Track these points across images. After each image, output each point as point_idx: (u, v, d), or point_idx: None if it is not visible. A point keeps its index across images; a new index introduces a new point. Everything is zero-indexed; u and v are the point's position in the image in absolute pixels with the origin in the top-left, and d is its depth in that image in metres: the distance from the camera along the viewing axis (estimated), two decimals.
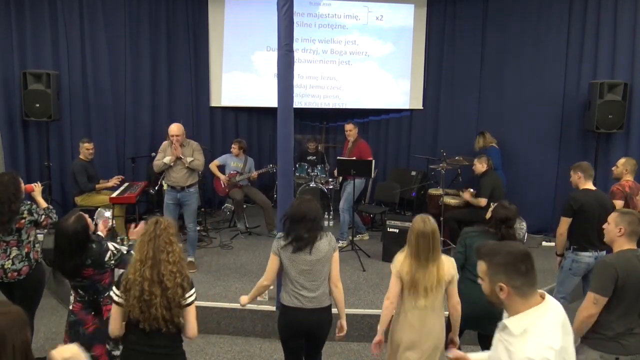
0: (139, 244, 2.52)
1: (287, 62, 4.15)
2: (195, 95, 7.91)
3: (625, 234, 2.66)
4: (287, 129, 4.23)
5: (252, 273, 5.36)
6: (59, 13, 6.73)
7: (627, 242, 2.67)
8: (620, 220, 2.68)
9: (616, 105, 6.24)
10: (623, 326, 2.60)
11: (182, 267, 2.51)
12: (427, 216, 2.98)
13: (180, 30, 7.68)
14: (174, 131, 5.24)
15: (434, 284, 2.86)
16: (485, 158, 5.90)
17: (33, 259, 3.72)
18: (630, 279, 2.57)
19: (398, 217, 6.10)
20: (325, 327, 3.13)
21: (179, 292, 2.46)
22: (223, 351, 4.29)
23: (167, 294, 2.44)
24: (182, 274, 2.49)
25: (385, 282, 5.10)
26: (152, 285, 2.43)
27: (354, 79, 8.05)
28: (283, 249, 3.02)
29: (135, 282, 2.44)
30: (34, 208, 3.68)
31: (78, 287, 3.05)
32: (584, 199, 4.07)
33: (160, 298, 2.43)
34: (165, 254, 2.47)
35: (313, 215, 3.01)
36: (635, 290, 2.59)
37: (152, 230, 2.51)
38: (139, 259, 2.49)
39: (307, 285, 3.01)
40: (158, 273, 2.44)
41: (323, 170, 7.34)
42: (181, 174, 5.27)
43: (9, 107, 6.51)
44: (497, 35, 7.41)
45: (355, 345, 4.41)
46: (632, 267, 2.59)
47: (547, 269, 5.60)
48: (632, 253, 2.65)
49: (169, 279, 2.44)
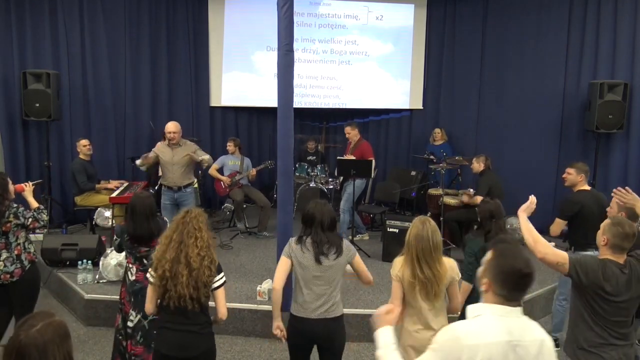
0: (169, 229, 2.73)
1: (287, 62, 4.15)
2: (195, 95, 7.91)
3: (608, 245, 2.54)
4: (287, 129, 4.23)
5: (251, 273, 5.36)
6: (59, 13, 6.73)
7: (611, 254, 2.54)
8: (607, 230, 2.56)
9: (616, 106, 6.24)
10: (600, 337, 2.51)
11: (210, 252, 2.67)
12: (426, 218, 2.92)
13: (180, 30, 7.68)
14: (171, 128, 5.26)
15: (435, 287, 2.79)
16: (483, 157, 5.87)
17: (26, 261, 3.66)
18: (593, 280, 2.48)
19: (398, 217, 6.10)
20: (336, 338, 2.99)
21: (206, 272, 2.63)
22: (223, 351, 4.29)
23: (194, 274, 2.60)
24: (209, 257, 2.66)
25: (386, 282, 5.12)
26: (178, 265, 2.60)
27: (354, 79, 8.05)
28: (296, 251, 2.93)
29: (160, 262, 2.63)
30: (20, 211, 3.58)
31: (143, 257, 3.38)
32: (583, 200, 4.05)
33: (186, 278, 2.59)
34: (194, 239, 2.64)
35: (330, 219, 2.94)
36: (608, 301, 2.49)
37: (182, 217, 2.71)
38: (165, 242, 2.68)
39: (316, 292, 2.91)
40: (186, 255, 2.61)
41: (323, 170, 7.34)
42: (177, 174, 5.26)
43: (9, 107, 6.50)
44: (497, 35, 7.42)
45: (355, 345, 4.40)
46: (611, 274, 2.49)
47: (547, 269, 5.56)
48: (612, 263, 2.52)
49: (194, 260, 2.60)
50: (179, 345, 2.69)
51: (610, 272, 2.48)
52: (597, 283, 2.46)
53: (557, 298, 4.38)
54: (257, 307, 4.48)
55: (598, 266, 2.50)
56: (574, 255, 2.57)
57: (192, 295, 2.60)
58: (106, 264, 4.96)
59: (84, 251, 5.24)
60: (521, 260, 1.79)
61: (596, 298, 2.49)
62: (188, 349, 2.70)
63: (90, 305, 4.67)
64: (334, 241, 2.93)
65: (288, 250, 2.96)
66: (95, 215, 6.34)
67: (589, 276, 2.47)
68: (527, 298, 4.85)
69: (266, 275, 5.08)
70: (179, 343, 2.69)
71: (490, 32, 7.49)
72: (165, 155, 5.29)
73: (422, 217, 2.93)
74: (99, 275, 4.97)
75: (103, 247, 5.49)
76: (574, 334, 2.61)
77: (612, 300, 2.47)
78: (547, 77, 7.01)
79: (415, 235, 2.82)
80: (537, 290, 5.01)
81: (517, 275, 1.76)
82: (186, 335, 2.69)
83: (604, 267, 2.49)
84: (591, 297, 2.50)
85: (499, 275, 1.79)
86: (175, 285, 2.59)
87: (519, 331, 1.76)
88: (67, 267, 5.22)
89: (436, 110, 8.00)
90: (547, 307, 5.04)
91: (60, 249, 5.29)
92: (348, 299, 4.72)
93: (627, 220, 2.67)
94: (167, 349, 2.71)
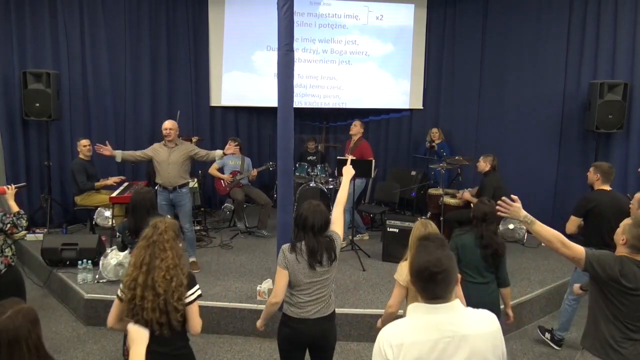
0: (138, 248, 2.56)
1: (287, 62, 4.15)
2: (195, 95, 7.91)
3: (627, 245, 2.57)
4: (287, 129, 4.22)
5: (252, 272, 5.36)
6: (59, 13, 6.73)
7: (629, 253, 2.58)
8: (628, 231, 2.58)
9: (616, 105, 6.24)
10: (619, 331, 2.52)
11: (176, 273, 2.51)
12: (427, 220, 2.93)
13: (180, 30, 7.68)
14: (167, 125, 5.30)
15: None
16: (490, 157, 5.81)
17: (1, 265, 3.62)
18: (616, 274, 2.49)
19: (398, 217, 6.09)
20: (329, 337, 2.98)
21: (174, 296, 2.48)
22: (223, 351, 4.29)
23: (160, 299, 2.46)
24: (177, 278, 2.50)
25: (386, 282, 5.12)
26: (145, 290, 2.47)
27: (354, 79, 8.06)
28: (291, 261, 2.87)
29: (130, 286, 2.49)
30: (0, 216, 3.59)
31: None
32: (598, 199, 4.02)
33: (152, 303, 2.45)
34: (159, 261, 2.50)
35: (323, 222, 2.89)
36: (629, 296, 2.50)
37: (150, 235, 2.56)
38: (133, 264, 2.53)
39: (312, 295, 2.89)
40: (152, 278, 2.47)
41: (323, 170, 7.34)
42: (173, 174, 5.25)
43: (9, 107, 6.51)
44: (497, 35, 7.42)
45: (355, 345, 4.40)
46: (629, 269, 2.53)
47: (547, 269, 5.61)
48: (629, 260, 2.55)
49: (160, 285, 2.46)
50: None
51: (628, 268, 2.49)
52: (614, 278, 2.48)
53: (567, 297, 4.34)
54: (257, 307, 4.48)
55: (615, 262, 2.51)
56: (590, 251, 2.56)
57: (159, 321, 2.47)
58: (106, 263, 4.96)
59: (84, 251, 5.24)
60: (433, 258, 1.76)
61: (614, 292, 2.50)
62: None
63: (90, 305, 4.67)
64: (328, 246, 2.89)
65: (284, 261, 2.88)
66: (95, 215, 6.34)
67: (607, 271, 2.48)
68: (528, 298, 4.86)
69: (266, 275, 5.09)
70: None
71: (490, 32, 7.49)
72: (161, 155, 5.29)
73: (424, 219, 2.94)
74: (99, 275, 4.97)
75: (103, 247, 5.49)
76: (593, 327, 2.61)
77: (632, 294, 2.48)
78: (547, 77, 7.01)
79: (417, 238, 2.79)
80: (537, 290, 5.01)
81: (427, 273, 1.75)
82: (154, 355, 2.44)
83: (620, 263, 2.51)
84: (609, 292, 2.51)
85: (413, 270, 1.81)
86: (142, 309, 2.47)
87: (449, 327, 1.74)
88: (67, 267, 5.21)
89: (436, 110, 8.00)
90: (548, 307, 5.04)
91: (60, 248, 5.29)
92: (348, 299, 4.72)
93: None
94: None
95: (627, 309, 2.50)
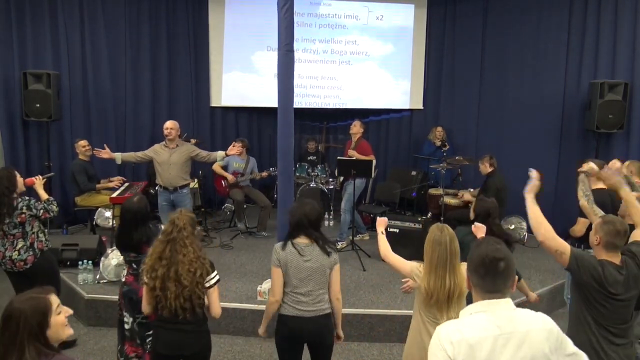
0: (158, 242, 2.76)
1: (287, 62, 4.16)
2: (195, 95, 7.90)
3: (602, 244, 2.51)
4: (287, 129, 4.23)
5: (252, 273, 5.36)
6: (59, 13, 6.73)
7: (605, 253, 2.52)
8: (600, 229, 2.53)
9: (616, 105, 6.24)
10: (600, 335, 2.49)
11: (199, 265, 2.71)
12: (443, 225, 2.82)
13: (180, 30, 7.68)
14: (168, 125, 5.32)
15: (454, 296, 2.67)
16: (487, 157, 5.80)
17: (37, 249, 3.91)
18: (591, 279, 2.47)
19: (398, 217, 6.09)
20: (326, 335, 3.02)
21: (199, 286, 2.70)
22: (223, 351, 4.29)
23: (186, 290, 2.66)
24: (201, 269, 2.71)
25: (386, 282, 5.13)
26: (167, 281, 2.67)
27: (354, 79, 8.05)
28: (283, 258, 2.93)
29: (151, 275, 2.69)
30: (32, 203, 3.86)
31: (132, 262, 3.35)
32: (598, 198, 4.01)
33: (175, 293, 2.66)
34: (182, 256, 2.69)
35: (313, 219, 2.96)
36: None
37: (169, 231, 2.74)
38: (151, 255, 2.73)
39: (308, 293, 2.92)
40: (176, 271, 2.67)
41: (323, 170, 7.34)
42: (173, 174, 5.25)
43: (9, 107, 6.51)
44: (497, 35, 7.41)
45: (355, 345, 4.41)
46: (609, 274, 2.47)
47: (548, 269, 5.61)
48: (610, 265, 2.49)
49: (185, 278, 2.66)
50: (174, 343, 2.78)
51: (608, 272, 2.47)
52: (597, 280, 2.45)
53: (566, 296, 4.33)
54: (257, 307, 4.49)
55: (597, 265, 2.49)
56: (575, 248, 2.55)
57: (183, 306, 2.68)
58: (106, 264, 4.97)
59: (84, 251, 5.25)
60: (492, 248, 1.80)
61: (597, 296, 2.48)
62: (183, 347, 2.78)
63: (90, 305, 4.68)
64: (319, 242, 2.95)
65: (276, 260, 2.93)
66: (96, 216, 6.34)
67: (589, 272, 2.46)
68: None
69: (266, 275, 5.07)
70: (174, 341, 2.77)
71: (490, 32, 7.49)
72: (162, 156, 5.29)
73: (439, 223, 2.85)
74: (99, 276, 4.97)
75: (103, 247, 5.49)
76: (574, 331, 2.59)
77: (613, 298, 2.46)
78: (548, 77, 7.00)
79: (432, 242, 2.74)
80: (537, 290, 5.00)
81: (488, 260, 1.77)
82: (181, 333, 2.75)
83: (602, 267, 2.48)
84: (591, 295, 2.49)
85: (472, 264, 1.83)
86: (165, 298, 2.68)
87: (508, 324, 1.74)
88: (68, 268, 5.21)
89: (436, 110, 8.00)
90: (549, 306, 5.04)
91: (60, 249, 5.28)
92: (348, 299, 4.72)
93: (617, 217, 2.66)
94: (163, 348, 2.80)
95: (609, 313, 2.48)
